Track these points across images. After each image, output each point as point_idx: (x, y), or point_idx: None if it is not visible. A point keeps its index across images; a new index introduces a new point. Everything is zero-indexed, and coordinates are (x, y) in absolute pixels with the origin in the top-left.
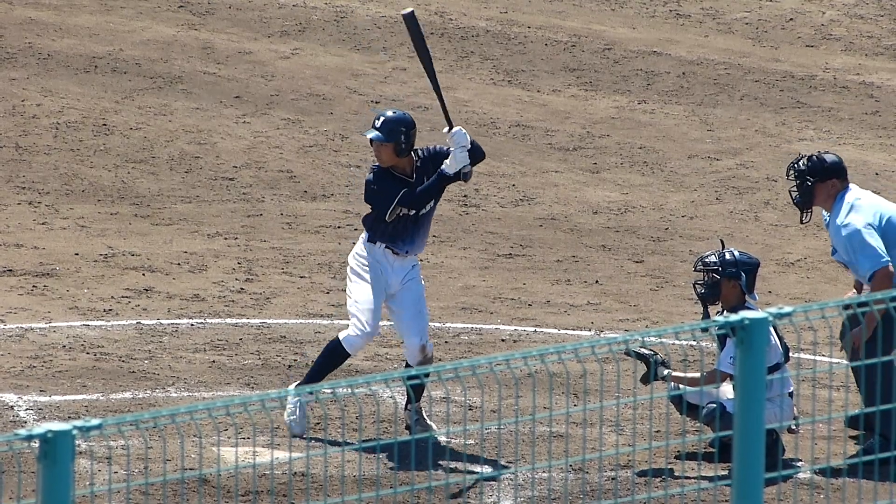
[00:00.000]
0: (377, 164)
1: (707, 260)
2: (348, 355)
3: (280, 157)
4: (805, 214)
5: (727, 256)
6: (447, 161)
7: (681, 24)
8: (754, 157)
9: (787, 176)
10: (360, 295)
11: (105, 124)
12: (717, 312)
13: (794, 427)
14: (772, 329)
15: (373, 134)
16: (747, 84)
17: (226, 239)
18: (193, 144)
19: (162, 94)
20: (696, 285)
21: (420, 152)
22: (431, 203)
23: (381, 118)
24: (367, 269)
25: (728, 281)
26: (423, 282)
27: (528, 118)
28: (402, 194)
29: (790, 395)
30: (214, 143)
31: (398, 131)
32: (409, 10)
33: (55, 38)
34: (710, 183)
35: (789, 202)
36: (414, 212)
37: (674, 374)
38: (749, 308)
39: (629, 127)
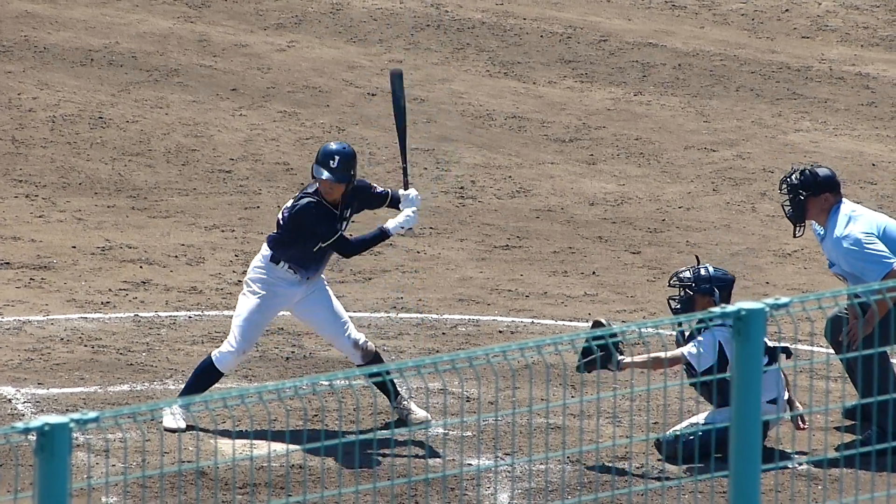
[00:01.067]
0: (310, 191)
1: (682, 275)
2: (221, 374)
3: (277, 149)
4: (798, 228)
5: (702, 272)
6: (395, 220)
7: (676, 15)
8: (750, 149)
9: (780, 190)
10: (243, 310)
11: (101, 117)
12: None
13: (801, 424)
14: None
15: (333, 177)
16: (743, 75)
17: (223, 231)
18: (190, 137)
19: (158, 86)
20: (671, 300)
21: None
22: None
23: (337, 158)
24: (260, 285)
25: (702, 297)
26: (328, 289)
27: (524, 110)
28: (339, 239)
29: (772, 402)
30: (211, 136)
31: (352, 168)
32: (398, 70)
33: (51, 31)
34: (706, 174)
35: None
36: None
37: (625, 361)
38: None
39: (625, 118)
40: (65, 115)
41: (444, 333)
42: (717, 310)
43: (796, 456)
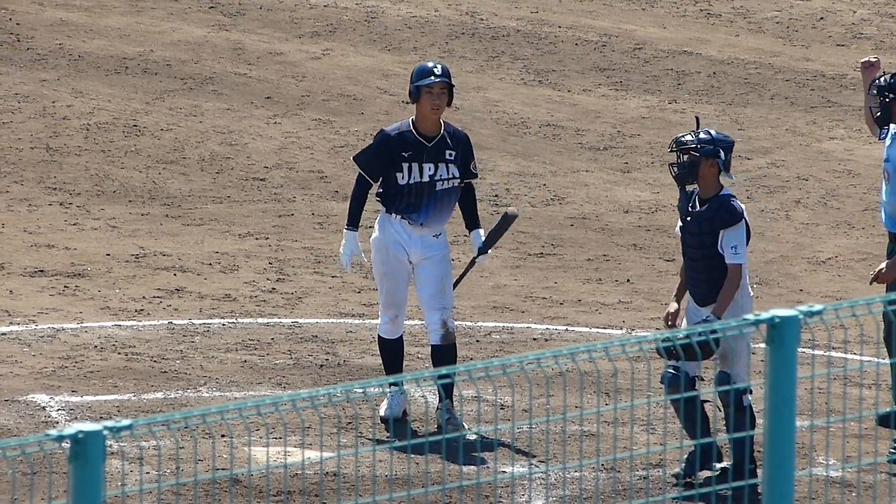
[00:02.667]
0: (401, 124)
1: (683, 139)
2: (395, 341)
3: (311, 157)
4: (882, 131)
5: (703, 135)
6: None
7: (711, 23)
8: (785, 157)
9: (869, 92)
10: (376, 277)
11: (136, 125)
12: (692, 192)
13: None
14: None
15: (438, 79)
16: (777, 83)
17: (257, 239)
18: (224, 145)
19: (192, 94)
20: (672, 167)
21: (451, 128)
22: (450, 180)
23: (440, 65)
24: (376, 246)
25: (706, 160)
26: (449, 259)
27: (558, 118)
28: (367, 166)
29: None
30: (245, 144)
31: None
32: (514, 212)
33: (86, 39)
34: (740, 182)
35: (819, 200)
36: (427, 180)
37: (713, 316)
38: (727, 193)
39: (659, 126)
40: (99, 123)
41: (478, 341)
42: (750, 317)
43: (831, 462)
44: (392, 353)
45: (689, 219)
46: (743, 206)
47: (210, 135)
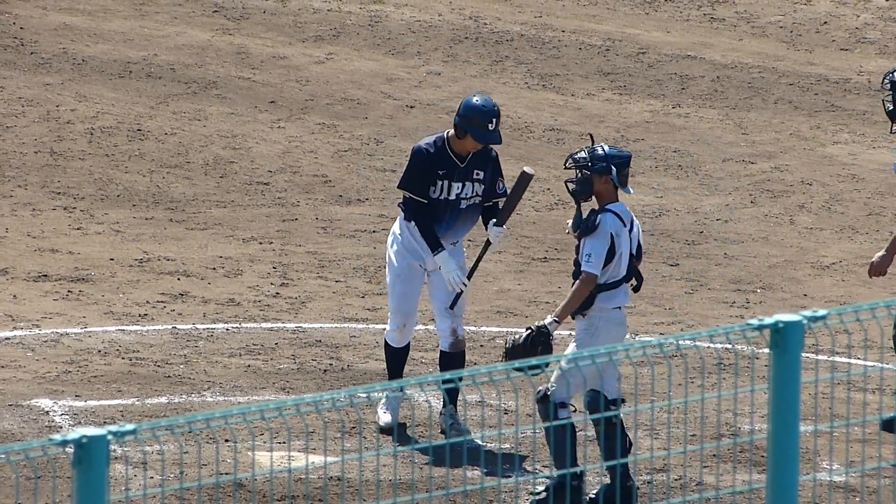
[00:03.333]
0: (438, 136)
1: (577, 156)
2: (400, 349)
3: (315, 161)
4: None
5: (597, 151)
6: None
7: (715, 27)
8: (788, 161)
9: (882, 85)
10: (389, 283)
11: (140, 129)
12: (593, 210)
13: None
14: None
15: (495, 140)
16: (781, 88)
17: (261, 243)
18: (228, 149)
19: (196, 99)
20: (568, 183)
21: (483, 147)
22: (474, 198)
23: (495, 120)
24: (395, 250)
25: (599, 176)
26: (465, 268)
27: (562, 122)
28: (448, 200)
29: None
30: (249, 148)
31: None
32: (531, 171)
33: (89, 43)
34: (744, 186)
35: (823, 204)
36: (454, 198)
37: (553, 323)
38: (610, 206)
39: (663, 131)
40: (103, 128)
41: (481, 346)
42: (754, 321)
43: (835, 467)
44: (396, 360)
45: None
46: (618, 223)
47: (214, 139)
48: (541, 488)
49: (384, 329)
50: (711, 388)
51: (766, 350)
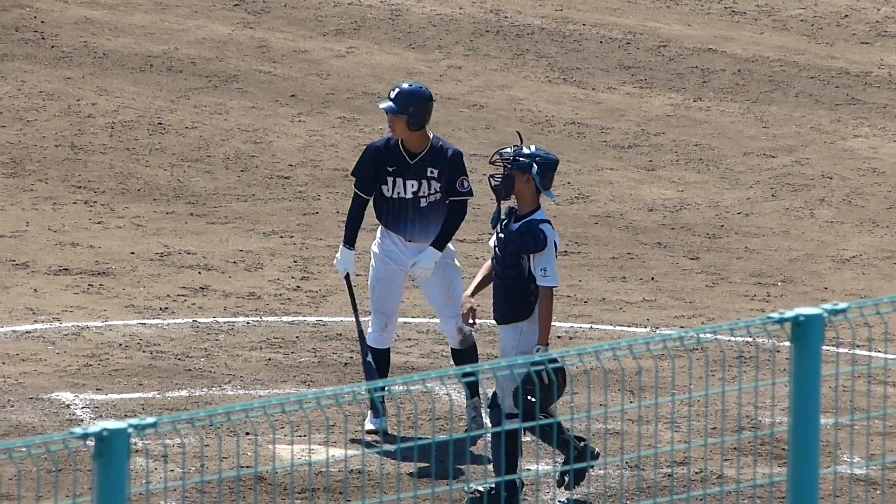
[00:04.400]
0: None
1: (503, 152)
2: (382, 350)
3: (335, 155)
4: None
5: (524, 150)
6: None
7: (736, 21)
8: (809, 154)
9: None
10: (370, 288)
11: (160, 123)
12: (511, 209)
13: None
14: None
15: (386, 104)
16: (802, 81)
17: (282, 237)
18: (249, 143)
19: (217, 92)
20: (491, 178)
21: (439, 144)
22: (433, 195)
23: (397, 90)
24: (374, 253)
25: (521, 174)
26: (456, 267)
27: (583, 116)
28: (357, 181)
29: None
30: (270, 142)
31: (413, 106)
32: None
33: (110, 37)
34: (765, 180)
35: (844, 198)
36: (411, 196)
37: (538, 348)
38: (539, 216)
39: (684, 125)
40: (124, 121)
41: None
42: (775, 315)
43: (855, 460)
44: (379, 363)
45: (500, 235)
46: (554, 231)
47: (235, 133)
48: (477, 487)
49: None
50: (732, 382)
51: (787, 343)
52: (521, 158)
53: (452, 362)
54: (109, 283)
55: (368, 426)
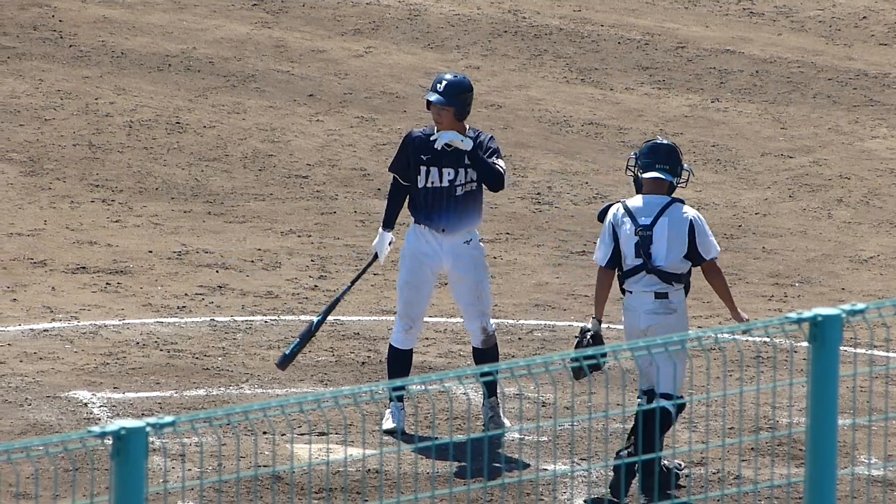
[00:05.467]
0: (428, 128)
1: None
2: (406, 352)
3: (353, 155)
4: None
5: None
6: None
7: (754, 22)
8: (827, 155)
9: None
10: (399, 289)
11: (178, 122)
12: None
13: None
14: None
15: (434, 97)
16: (820, 82)
17: (299, 237)
18: (267, 143)
19: (235, 92)
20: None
21: (476, 133)
22: (469, 184)
23: (444, 82)
24: (405, 253)
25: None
26: (485, 264)
27: (600, 116)
28: (394, 165)
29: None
30: (288, 142)
31: (461, 96)
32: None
33: (128, 36)
34: (782, 181)
35: (862, 199)
36: (447, 185)
37: (595, 329)
38: (634, 202)
39: (702, 125)
40: (142, 121)
41: (519, 339)
42: (793, 315)
43: (873, 461)
44: (400, 364)
45: None
46: (619, 215)
47: (253, 132)
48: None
49: (392, 332)
50: (750, 382)
51: (805, 343)
52: (636, 159)
53: (472, 361)
54: (127, 281)
55: (386, 426)
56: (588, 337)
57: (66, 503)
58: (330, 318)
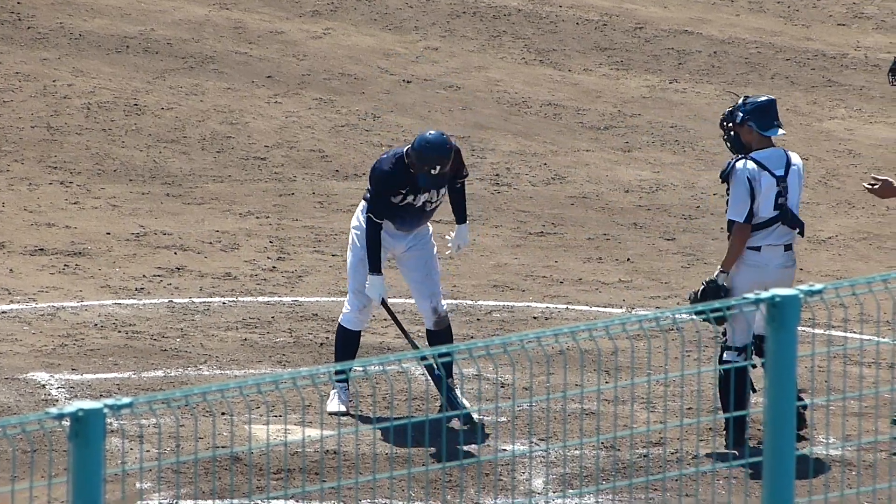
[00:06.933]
0: (400, 149)
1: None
2: (356, 333)
3: (312, 136)
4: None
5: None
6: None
7: (712, 3)
8: (786, 136)
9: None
10: (350, 264)
11: (136, 104)
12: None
13: None
14: None
15: (428, 185)
16: (779, 63)
17: (258, 218)
18: (225, 124)
19: (193, 74)
20: (726, 141)
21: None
22: (440, 200)
23: (438, 168)
24: (361, 238)
25: (740, 127)
26: (432, 244)
27: (559, 97)
28: (375, 209)
29: None
30: (246, 123)
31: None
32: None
33: (87, 18)
34: None
35: (820, 179)
36: (420, 204)
37: (719, 272)
38: (762, 155)
39: (661, 106)
40: (100, 102)
41: (478, 319)
42: (751, 296)
43: (831, 441)
44: (350, 345)
45: None
46: (755, 168)
47: (211, 114)
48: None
49: (342, 313)
50: (708, 362)
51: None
52: (733, 113)
53: (427, 343)
54: (85, 263)
55: (332, 408)
56: (712, 291)
57: (24, 484)
58: (288, 299)
